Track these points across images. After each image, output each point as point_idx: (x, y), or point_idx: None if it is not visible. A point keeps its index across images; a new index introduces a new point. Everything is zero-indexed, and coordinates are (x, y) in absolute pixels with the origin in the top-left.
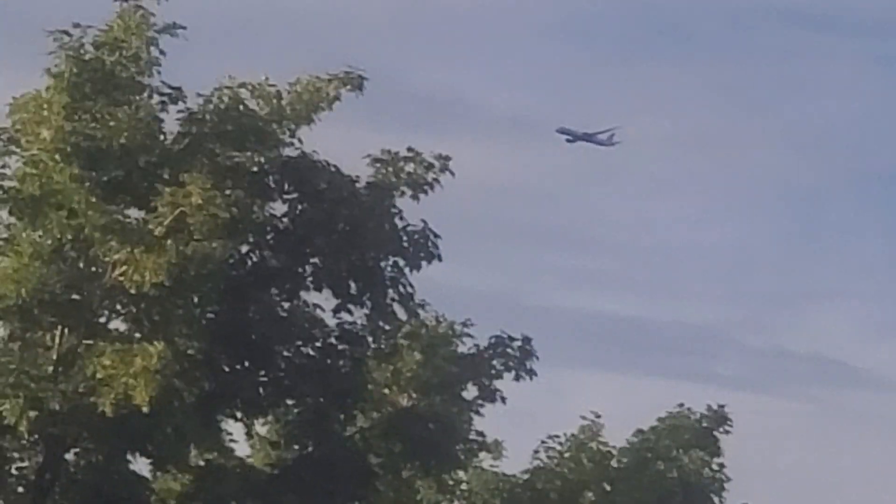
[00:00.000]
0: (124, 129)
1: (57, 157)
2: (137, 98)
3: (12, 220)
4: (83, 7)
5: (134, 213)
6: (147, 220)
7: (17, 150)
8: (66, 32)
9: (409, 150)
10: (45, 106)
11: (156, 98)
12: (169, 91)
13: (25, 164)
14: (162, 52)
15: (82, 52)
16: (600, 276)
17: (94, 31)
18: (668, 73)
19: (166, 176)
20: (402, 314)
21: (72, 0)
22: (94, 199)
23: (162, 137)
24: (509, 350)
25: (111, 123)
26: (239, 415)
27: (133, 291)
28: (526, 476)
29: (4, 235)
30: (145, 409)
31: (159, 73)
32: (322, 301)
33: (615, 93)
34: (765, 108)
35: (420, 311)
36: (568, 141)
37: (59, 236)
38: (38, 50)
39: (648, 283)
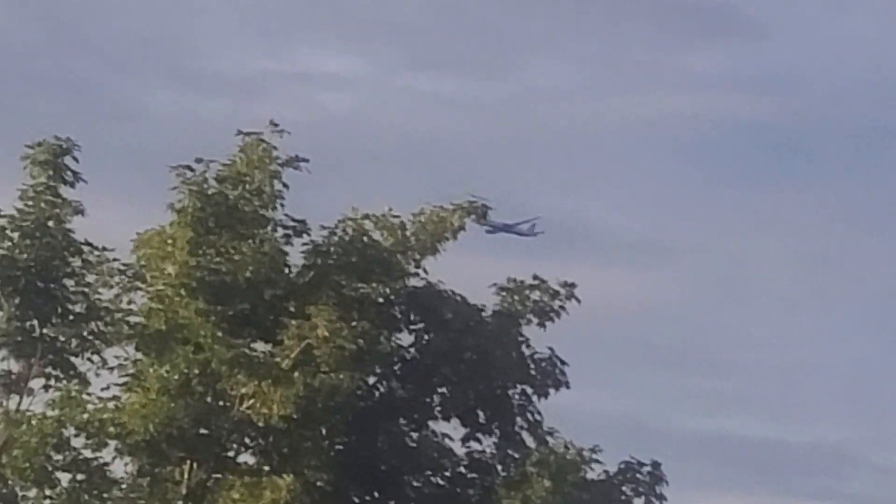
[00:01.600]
0: (249, 263)
1: (182, 291)
2: (261, 232)
3: (139, 355)
4: (206, 141)
5: (260, 347)
6: (274, 353)
7: (143, 285)
8: (189, 167)
9: (535, 278)
10: (170, 241)
11: (280, 231)
12: (293, 224)
13: (151, 300)
14: (285, 185)
15: (205, 186)
16: (725, 396)
17: (216, 165)
18: (790, 192)
19: (292, 309)
20: (530, 442)
21: (194, 134)
22: (220, 334)
23: (287, 270)
24: (639, 475)
25: (236, 258)
26: None
27: (261, 424)
28: None
29: (132, 371)
30: None
31: (283, 206)
32: (450, 430)
33: (737, 213)
34: (887, 225)
35: (548, 439)
36: (488, 232)
37: (185, 371)
38: (162, 185)
39: (773, 402)
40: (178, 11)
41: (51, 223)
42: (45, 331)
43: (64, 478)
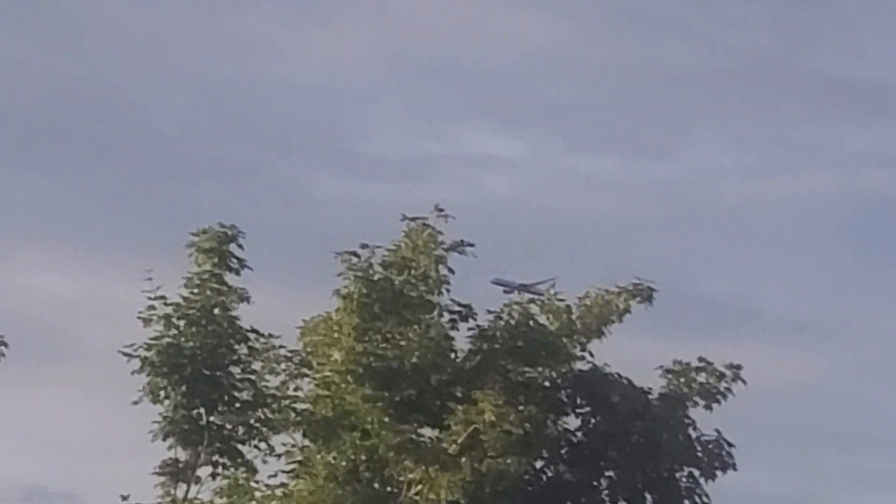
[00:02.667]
0: (415, 349)
1: (349, 378)
2: (427, 317)
3: (306, 442)
4: (370, 225)
5: (427, 432)
6: (441, 438)
7: (309, 372)
8: (355, 254)
9: (700, 360)
10: (336, 327)
11: (446, 316)
12: (459, 309)
13: (318, 386)
14: (450, 270)
15: (371, 272)
16: (894, 475)
17: (381, 251)
18: None
19: (458, 393)
20: None
21: (358, 218)
22: (387, 419)
23: (453, 355)
24: None
25: (402, 343)
26: None
27: None
28: None
29: (299, 458)
30: None
31: (448, 290)
32: None
33: None
34: None
35: None
36: (505, 292)
37: (353, 457)
38: (327, 270)
39: None
40: (340, 96)
41: (216, 311)
42: (211, 419)
43: None
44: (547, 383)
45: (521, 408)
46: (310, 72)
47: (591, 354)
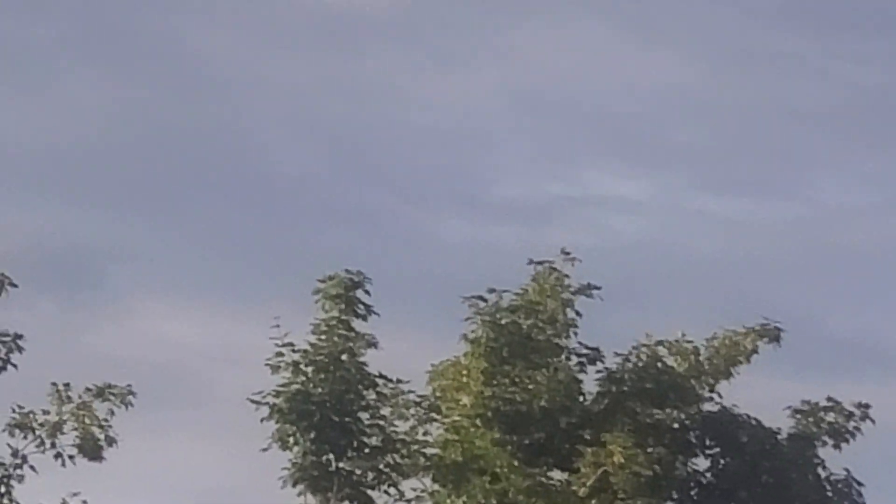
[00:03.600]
0: (544, 392)
1: (478, 422)
2: (556, 360)
3: (436, 487)
4: (496, 268)
5: (556, 475)
6: (570, 480)
7: (438, 416)
8: (482, 298)
9: (829, 399)
10: (464, 372)
11: (574, 359)
12: (587, 352)
13: (447, 431)
14: (578, 314)
15: (498, 316)
16: None
17: (509, 295)
18: None
19: (587, 436)
20: None
21: (485, 262)
22: (516, 463)
23: (582, 398)
24: None
25: (530, 387)
26: None
27: None
28: None
29: (429, 503)
30: None
31: (576, 333)
32: None
33: None
34: None
35: None
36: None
37: (482, 501)
38: (455, 315)
39: None
40: (466, 139)
41: (344, 357)
42: (341, 465)
43: None
44: (676, 425)
45: (650, 449)
46: (435, 115)
47: (720, 395)
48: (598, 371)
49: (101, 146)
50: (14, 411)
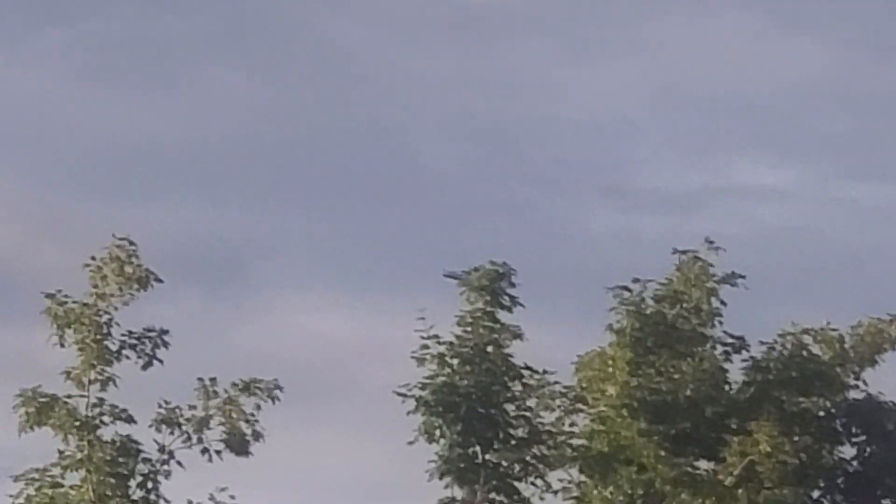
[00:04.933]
0: (689, 382)
1: (624, 412)
2: (700, 349)
3: (582, 478)
4: (641, 259)
5: (703, 465)
6: (716, 470)
7: (584, 407)
8: (626, 288)
9: None
10: (610, 362)
11: (719, 348)
12: (731, 341)
13: (593, 422)
14: (723, 303)
15: (643, 306)
16: None
17: (653, 285)
18: None
19: (733, 425)
20: None
21: (630, 252)
22: (662, 453)
23: (727, 387)
24: None
25: (676, 376)
26: None
27: None
28: None
29: (576, 494)
30: None
31: (721, 323)
32: None
33: None
34: None
35: None
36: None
37: (629, 491)
38: (600, 305)
39: None
40: (611, 131)
41: (490, 349)
42: (487, 457)
43: None
44: (821, 413)
45: (796, 438)
46: (579, 107)
47: (865, 383)
48: (744, 360)
49: (245, 142)
50: (160, 406)
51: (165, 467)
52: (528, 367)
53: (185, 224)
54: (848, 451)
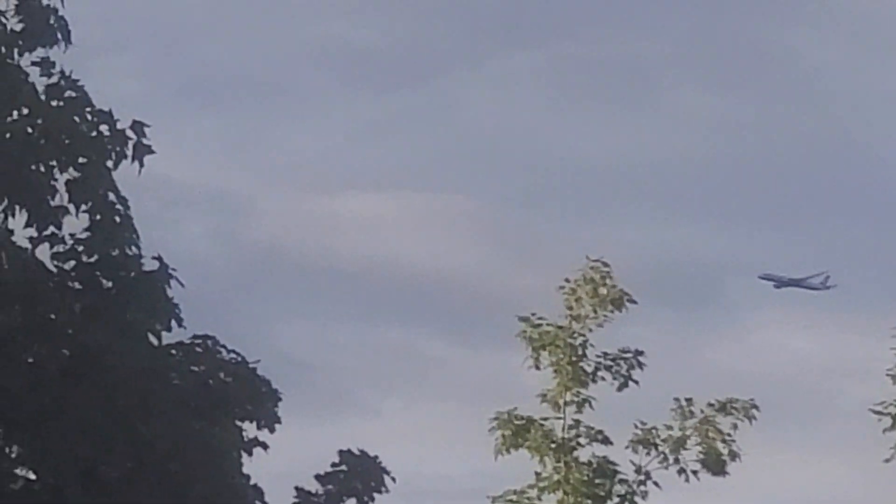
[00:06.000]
0: None
1: None
2: None
3: None
4: None
5: None
6: None
7: None
8: None
9: None
10: None
11: None
12: None
13: None
14: None
15: None
16: None
17: None
18: None
19: None
20: None
21: None
22: None
23: None
24: None
25: None
26: None
27: None
28: None
29: None
30: None
31: None
32: None
33: None
34: None
35: None
36: (776, 287)
37: None
38: None
39: None
40: None
41: None
42: None
43: None
44: None
45: None
46: None
47: None
48: None
49: (718, 160)
50: (637, 427)
51: (642, 488)
52: None
53: (659, 244)
54: None
